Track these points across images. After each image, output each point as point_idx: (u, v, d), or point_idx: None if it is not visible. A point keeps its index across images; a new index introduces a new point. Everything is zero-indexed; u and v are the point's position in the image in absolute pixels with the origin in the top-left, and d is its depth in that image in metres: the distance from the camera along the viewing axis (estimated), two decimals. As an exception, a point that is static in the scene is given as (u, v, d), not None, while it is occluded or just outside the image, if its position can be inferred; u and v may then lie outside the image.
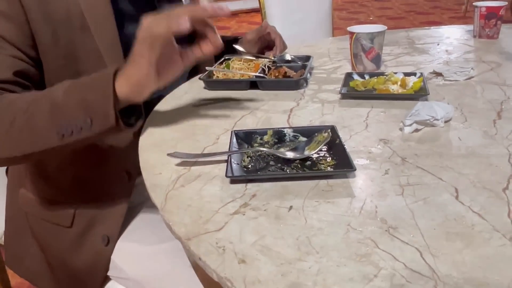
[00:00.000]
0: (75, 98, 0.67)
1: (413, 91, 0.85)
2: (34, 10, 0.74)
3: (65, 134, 0.66)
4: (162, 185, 0.59)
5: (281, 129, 0.70)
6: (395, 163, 0.61)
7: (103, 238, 0.84)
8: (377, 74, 0.94)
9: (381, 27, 1.04)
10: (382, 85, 0.88)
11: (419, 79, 0.87)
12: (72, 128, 0.66)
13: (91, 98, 0.66)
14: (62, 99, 0.68)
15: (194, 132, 0.75)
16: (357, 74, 0.96)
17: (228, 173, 0.57)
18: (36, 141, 0.68)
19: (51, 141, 0.67)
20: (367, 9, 6.91)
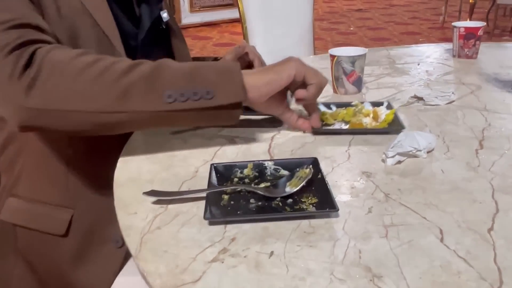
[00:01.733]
0: (196, 72, 0.67)
1: (387, 124, 0.81)
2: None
3: (178, 99, 0.64)
4: (137, 227, 0.56)
5: (262, 162, 0.68)
6: (378, 199, 0.60)
7: (116, 240, 0.80)
8: (345, 105, 0.89)
9: (362, 50, 1.03)
10: (354, 118, 0.83)
11: (391, 112, 0.83)
12: (189, 96, 0.65)
13: (216, 75, 0.67)
14: (182, 68, 0.67)
15: (172, 164, 0.73)
16: (323, 105, 0.89)
17: (206, 215, 0.55)
18: (134, 96, 0.63)
19: (155, 102, 0.64)
20: (347, 19, 6.99)
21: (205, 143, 0.79)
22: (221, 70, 0.69)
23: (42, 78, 0.62)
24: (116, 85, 0.63)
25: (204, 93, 0.65)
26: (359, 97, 1.01)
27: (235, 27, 6.51)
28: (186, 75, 0.67)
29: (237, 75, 0.69)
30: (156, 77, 0.65)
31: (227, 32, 6.36)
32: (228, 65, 0.70)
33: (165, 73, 0.66)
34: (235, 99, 0.67)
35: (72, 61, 0.64)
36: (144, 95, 0.64)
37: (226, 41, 5.72)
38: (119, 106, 0.64)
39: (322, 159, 0.70)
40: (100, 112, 0.64)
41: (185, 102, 0.64)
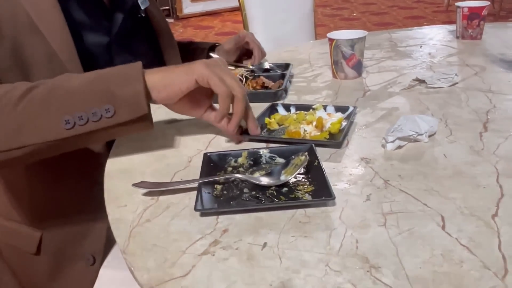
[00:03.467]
0: (94, 86, 0.61)
1: (328, 134, 0.71)
2: None
3: (77, 123, 0.59)
4: (126, 220, 0.54)
5: (257, 151, 0.66)
6: (377, 186, 0.57)
7: (87, 258, 0.79)
8: (304, 108, 0.80)
9: (362, 32, 1.00)
10: (295, 124, 0.74)
11: (338, 120, 0.74)
12: (88, 116, 0.59)
13: (115, 87, 0.60)
14: (76, 86, 0.61)
15: (164, 155, 0.70)
16: (283, 106, 0.82)
17: (197, 206, 0.53)
18: (31, 130, 0.59)
19: (54, 130, 0.59)
20: (350, 5, 6.89)
21: (199, 132, 0.77)
22: (120, 78, 0.61)
23: None
24: (8, 121, 0.59)
25: (104, 111, 0.59)
26: (359, 82, 0.98)
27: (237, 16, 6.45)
28: (83, 93, 0.60)
29: (138, 81, 0.61)
30: (51, 102, 0.60)
31: (229, 21, 6.31)
32: (128, 70, 0.62)
33: (60, 96, 0.60)
34: (137, 114, 0.61)
35: None
36: (40, 125, 0.59)
37: (228, 30, 5.67)
38: (16, 143, 0.59)
39: (319, 146, 0.67)
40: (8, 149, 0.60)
41: (86, 125, 0.59)
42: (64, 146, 0.62)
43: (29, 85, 0.63)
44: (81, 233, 0.79)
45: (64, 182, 0.79)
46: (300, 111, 0.79)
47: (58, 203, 0.80)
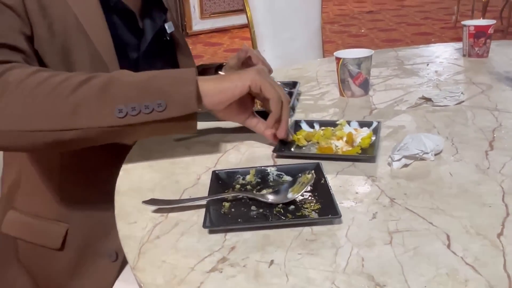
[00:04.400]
0: (150, 82, 0.65)
1: (360, 149, 0.72)
2: (32, 3, 0.72)
3: (130, 113, 0.62)
4: (136, 237, 0.55)
5: (264, 168, 0.67)
6: (383, 204, 0.58)
7: (110, 254, 0.80)
8: (328, 124, 0.82)
9: (368, 51, 1.02)
10: (325, 140, 0.75)
11: (368, 135, 0.75)
12: (141, 108, 0.62)
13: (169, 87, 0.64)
14: (131, 80, 0.65)
15: (174, 172, 0.72)
16: (306, 122, 0.83)
17: (206, 223, 0.54)
18: (84, 113, 0.62)
19: (107, 117, 0.62)
20: (358, 22, 6.95)
21: (208, 150, 0.78)
22: (174, 79, 0.66)
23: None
24: (67, 102, 0.62)
25: (156, 105, 0.63)
26: (366, 100, 1.00)
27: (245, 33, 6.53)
28: (138, 87, 0.64)
29: (191, 83, 0.65)
30: (107, 91, 0.63)
31: (238, 37, 6.38)
32: (182, 73, 0.67)
33: (116, 86, 0.64)
34: (187, 111, 0.64)
35: (24, 81, 0.63)
36: (95, 111, 0.63)
37: (236, 47, 5.73)
38: (71, 123, 0.63)
39: (326, 164, 0.68)
40: (52, 131, 0.63)
41: (137, 116, 0.63)
42: (113, 135, 0.65)
43: (89, 74, 0.66)
44: (106, 229, 0.80)
45: (94, 176, 0.80)
46: (326, 127, 0.80)
47: (86, 197, 0.82)
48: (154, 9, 0.94)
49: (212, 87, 0.68)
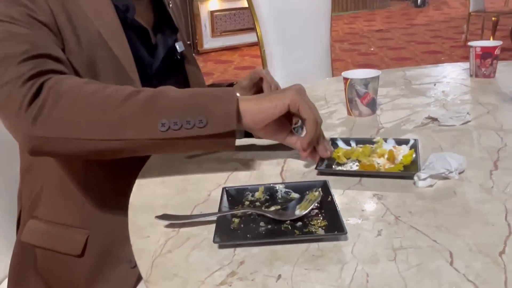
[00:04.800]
0: (192, 99, 0.69)
1: (402, 166, 0.74)
2: (61, 20, 0.77)
3: (172, 127, 0.66)
4: (149, 250, 0.57)
5: (273, 186, 0.69)
6: (388, 222, 0.60)
7: (129, 260, 0.82)
8: (365, 141, 0.83)
9: (375, 72, 1.04)
10: (367, 157, 0.77)
11: (409, 153, 0.76)
12: (182, 123, 0.66)
13: (211, 105, 0.68)
14: (176, 96, 0.69)
15: (185, 188, 0.74)
16: (342, 140, 0.84)
17: (216, 238, 0.56)
18: (130, 125, 0.66)
19: (150, 130, 0.66)
20: (368, 40, 7.01)
21: (219, 167, 0.81)
22: (216, 97, 0.69)
23: (47, 108, 0.66)
24: (114, 114, 0.67)
25: (197, 121, 0.67)
26: (374, 119, 1.02)
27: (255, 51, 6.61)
28: (181, 103, 0.68)
29: (232, 102, 0.68)
30: (152, 106, 0.67)
31: (248, 55, 6.46)
32: (223, 92, 0.70)
33: (161, 102, 0.68)
34: (227, 128, 0.68)
35: (76, 91, 0.68)
36: (140, 124, 0.67)
37: (247, 64, 5.80)
38: (116, 134, 0.67)
39: (333, 182, 0.70)
40: (99, 140, 0.67)
41: (179, 131, 0.66)
42: (154, 147, 0.69)
43: (138, 88, 0.71)
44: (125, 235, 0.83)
45: (116, 183, 0.83)
46: (363, 144, 0.82)
47: (107, 204, 0.85)
48: (165, 28, 0.98)
49: (252, 106, 0.71)
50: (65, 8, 0.79)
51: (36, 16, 0.75)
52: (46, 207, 0.88)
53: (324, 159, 0.78)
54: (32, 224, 0.89)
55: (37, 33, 0.74)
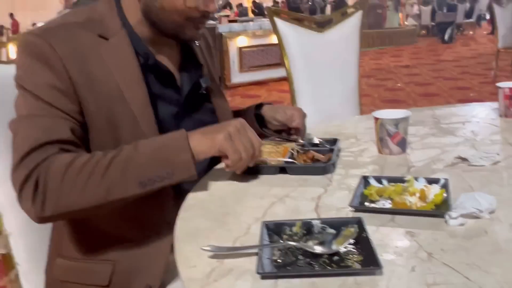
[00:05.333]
0: (157, 156, 0.83)
1: (434, 205, 0.77)
2: (80, 83, 0.87)
3: (148, 184, 0.81)
4: (196, 279, 0.62)
5: (310, 221, 0.73)
6: (421, 258, 0.63)
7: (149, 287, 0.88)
8: (397, 180, 0.86)
9: (406, 112, 1.08)
10: (399, 196, 0.79)
11: (440, 192, 0.79)
12: (155, 179, 0.82)
13: (172, 155, 0.83)
14: (143, 158, 0.83)
15: (225, 221, 0.79)
16: (374, 178, 0.87)
17: (259, 269, 0.60)
18: (116, 192, 0.81)
19: (132, 191, 0.82)
20: (394, 76, 7.05)
21: (256, 202, 0.86)
22: (173, 150, 0.83)
23: (49, 197, 0.80)
24: (100, 185, 0.81)
25: (165, 174, 0.82)
26: (404, 158, 1.05)
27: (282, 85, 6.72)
28: (150, 163, 0.82)
29: (186, 152, 0.82)
30: (128, 171, 0.82)
31: (275, 90, 6.57)
32: (177, 143, 0.83)
33: (134, 166, 0.82)
34: (189, 174, 0.83)
35: (65, 174, 0.80)
36: (122, 188, 0.82)
37: (274, 99, 5.91)
38: (105, 199, 0.81)
39: (367, 218, 0.74)
40: (93, 206, 0.82)
41: (153, 185, 0.82)
42: (137, 197, 0.84)
43: (111, 154, 0.82)
44: (147, 263, 0.89)
45: (138, 218, 0.90)
46: (395, 183, 0.85)
47: (130, 237, 0.91)
48: (191, 65, 1.05)
49: (200, 149, 0.84)
50: (86, 66, 0.87)
51: (56, 85, 0.85)
52: (70, 244, 0.95)
53: (358, 195, 0.81)
54: (59, 261, 0.96)
55: (53, 111, 0.84)
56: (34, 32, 0.89)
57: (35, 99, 0.84)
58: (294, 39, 1.99)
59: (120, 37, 0.92)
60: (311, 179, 0.95)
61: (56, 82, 0.85)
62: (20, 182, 0.80)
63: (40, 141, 0.81)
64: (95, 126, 0.89)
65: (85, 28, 0.91)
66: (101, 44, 0.91)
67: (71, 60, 0.86)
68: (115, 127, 0.89)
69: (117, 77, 0.90)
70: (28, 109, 0.85)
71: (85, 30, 0.91)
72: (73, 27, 0.90)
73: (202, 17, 0.94)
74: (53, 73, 0.85)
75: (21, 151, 0.81)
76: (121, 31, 0.93)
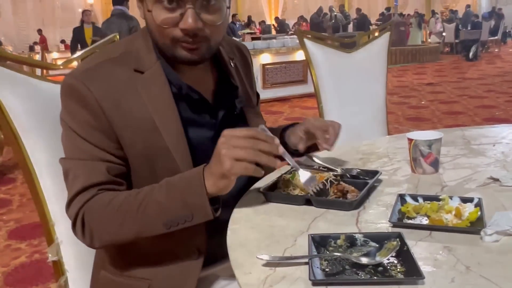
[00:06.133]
0: (177, 200, 0.88)
1: (469, 222, 0.81)
2: (115, 121, 0.92)
3: (172, 226, 0.88)
4: (253, 284, 0.69)
5: (353, 235, 0.79)
6: (459, 271, 0.68)
7: None
8: (432, 198, 0.91)
9: (438, 134, 1.14)
10: (435, 213, 0.85)
11: (475, 210, 0.83)
12: (178, 221, 0.88)
13: (190, 200, 0.87)
14: (166, 201, 0.88)
15: (273, 234, 0.86)
16: (410, 196, 0.93)
17: (311, 276, 0.67)
18: (146, 231, 0.90)
19: (158, 231, 0.89)
20: (418, 93, 7.04)
21: (299, 216, 0.92)
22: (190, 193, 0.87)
23: (94, 232, 0.92)
24: (133, 226, 0.90)
25: (186, 217, 0.88)
26: (437, 177, 1.10)
27: (305, 102, 6.79)
28: (170, 206, 0.88)
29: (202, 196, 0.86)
30: (155, 212, 0.89)
31: (298, 106, 6.64)
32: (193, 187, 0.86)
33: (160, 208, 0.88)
34: (207, 218, 0.88)
35: (105, 214, 0.90)
36: (150, 228, 0.90)
37: (297, 115, 5.97)
38: (138, 235, 0.91)
39: (405, 233, 0.79)
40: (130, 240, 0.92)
41: (177, 226, 0.88)
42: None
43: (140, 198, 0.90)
44: (181, 283, 0.95)
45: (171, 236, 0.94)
46: (431, 201, 0.90)
47: (167, 258, 0.98)
48: (226, 86, 1.05)
49: (216, 189, 0.86)
50: (121, 102, 0.92)
51: (93, 124, 0.91)
52: (114, 263, 1.03)
53: (396, 212, 0.87)
54: (103, 273, 1.04)
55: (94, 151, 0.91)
56: (73, 74, 0.94)
57: (78, 139, 0.92)
58: (323, 58, 2.04)
59: (155, 69, 0.95)
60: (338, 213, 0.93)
61: (93, 121, 0.91)
62: (72, 219, 0.92)
63: (84, 185, 0.91)
64: (133, 161, 0.94)
65: (121, 63, 0.95)
66: (137, 79, 0.94)
67: (106, 100, 0.91)
68: (150, 159, 0.94)
69: (151, 108, 0.93)
70: (73, 150, 0.93)
71: (121, 65, 0.95)
72: (110, 65, 0.95)
73: (185, 36, 0.91)
74: (91, 113, 0.91)
75: (71, 192, 0.92)
76: (156, 63, 0.96)
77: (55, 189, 1.12)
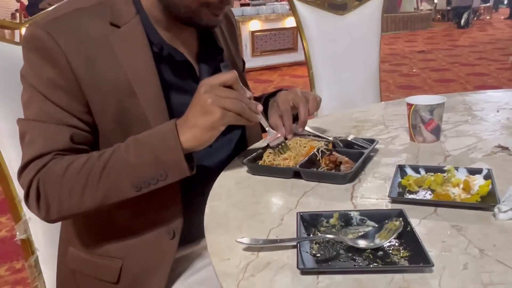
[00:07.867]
0: (149, 157, 0.78)
1: (479, 197, 0.72)
2: (85, 80, 0.80)
3: (143, 187, 0.78)
4: (232, 273, 0.59)
5: (348, 212, 0.69)
6: (473, 255, 0.58)
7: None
8: (435, 169, 0.81)
9: (441, 98, 1.03)
10: (441, 187, 0.75)
11: (486, 183, 0.73)
12: (149, 181, 0.78)
13: (164, 157, 0.77)
14: (136, 160, 0.78)
15: (257, 211, 0.75)
16: (410, 167, 0.83)
17: (299, 264, 0.57)
18: (113, 195, 0.79)
19: (127, 194, 0.79)
20: (409, 61, 6.92)
21: (287, 191, 0.82)
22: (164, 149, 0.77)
23: (51, 202, 0.80)
24: (97, 191, 0.79)
25: (159, 176, 0.78)
26: (438, 146, 1.00)
27: (295, 70, 6.65)
28: (141, 166, 0.77)
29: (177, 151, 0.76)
30: (123, 177, 0.78)
31: (288, 75, 6.50)
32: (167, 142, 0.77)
33: (126, 173, 0.78)
34: (183, 175, 0.79)
35: (62, 181, 0.78)
36: (118, 192, 0.79)
37: (286, 84, 5.85)
38: (103, 203, 0.80)
39: (407, 210, 0.69)
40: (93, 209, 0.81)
41: (149, 187, 0.79)
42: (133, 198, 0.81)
43: (103, 159, 0.79)
44: (156, 264, 0.85)
45: (144, 214, 0.86)
46: (435, 173, 0.80)
47: (140, 236, 0.87)
48: (210, 49, 0.96)
49: (196, 143, 0.78)
50: (93, 60, 0.80)
51: (59, 83, 0.79)
52: (79, 239, 0.92)
53: (396, 186, 0.77)
54: (72, 250, 0.93)
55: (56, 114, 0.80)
56: (38, 23, 0.81)
57: (39, 97, 0.80)
58: (314, 22, 1.92)
59: (133, 24, 0.84)
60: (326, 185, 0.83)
61: (59, 80, 0.79)
62: (24, 188, 0.81)
63: (42, 151, 0.80)
64: (103, 128, 0.83)
65: (94, 15, 0.83)
66: (112, 33, 0.83)
67: (76, 56, 0.79)
68: (124, 127, 0.83)
69: (127, 69, 0.82)
70: (33, 110, 0.81)
71: (94, 17, 0.83)
72: (81, 15, 0.83)
73: (220, 3, 0.84)
74: (56, 70, 0.79)
75: (25, 158, 0.81)
76: (134, 18, 0.85)
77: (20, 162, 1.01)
